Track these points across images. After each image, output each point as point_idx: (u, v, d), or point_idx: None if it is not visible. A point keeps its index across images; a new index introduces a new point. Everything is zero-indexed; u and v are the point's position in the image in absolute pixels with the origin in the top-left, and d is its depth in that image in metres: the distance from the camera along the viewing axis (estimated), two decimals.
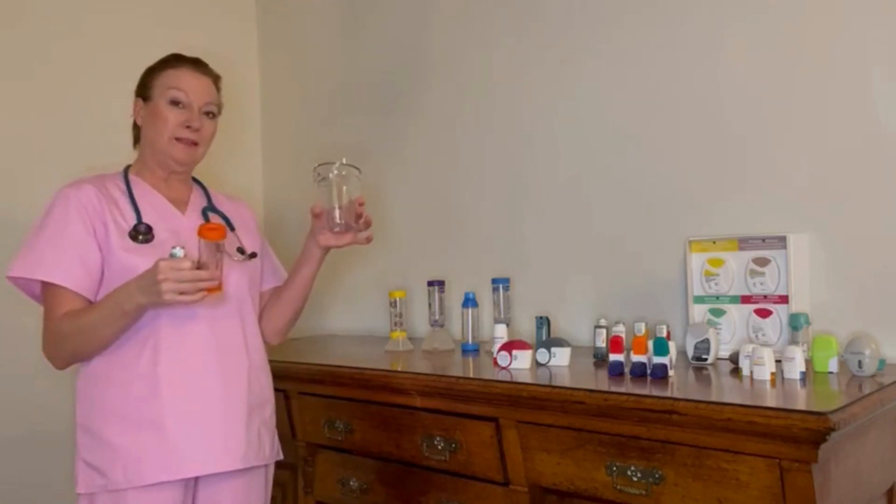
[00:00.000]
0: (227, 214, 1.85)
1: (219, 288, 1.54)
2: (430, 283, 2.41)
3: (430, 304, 2.40)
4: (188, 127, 1.71)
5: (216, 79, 1.81)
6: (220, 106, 1.81)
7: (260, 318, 1.87)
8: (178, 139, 1.72)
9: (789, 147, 1.97)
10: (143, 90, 1.77)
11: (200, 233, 1.52)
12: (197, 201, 1.82)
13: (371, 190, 2.88)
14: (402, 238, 2.79)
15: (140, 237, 1.65)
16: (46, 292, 1.63)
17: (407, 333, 2.44)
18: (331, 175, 1.79)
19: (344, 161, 1.79)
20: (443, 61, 2.66)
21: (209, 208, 1.83)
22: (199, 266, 1.51)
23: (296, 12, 3.15)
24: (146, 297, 1.51)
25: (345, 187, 1.79)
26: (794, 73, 1.96)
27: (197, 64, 1.78)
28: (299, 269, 1.87)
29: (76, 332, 1.58)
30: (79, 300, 1.62)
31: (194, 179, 1.88)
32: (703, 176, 2.11)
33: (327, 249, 1.85)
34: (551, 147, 2.40)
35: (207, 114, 1.75)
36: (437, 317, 2.39)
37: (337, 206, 1.79)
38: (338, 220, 1.79)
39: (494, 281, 2.30)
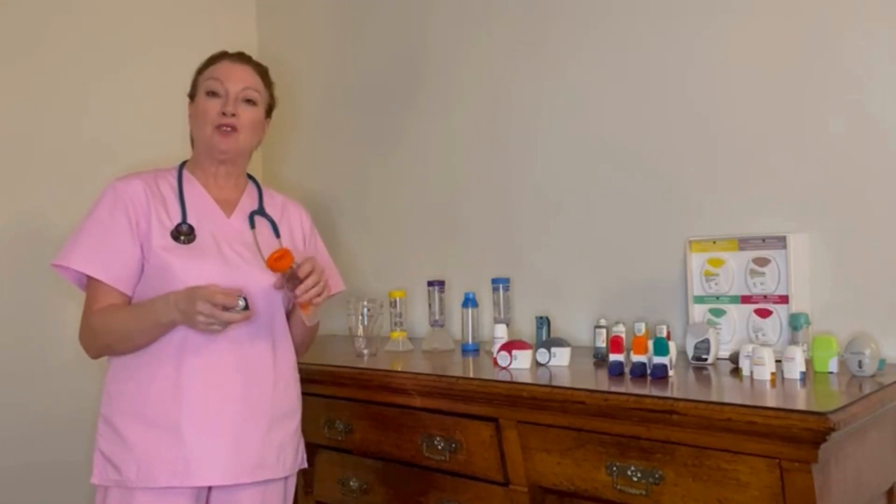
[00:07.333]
0: (276, 220, 1.81)
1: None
2: (430, 283, 2.41)
3: (430, 304, 2.40)
4: (223, 113, 1.70)
5: (260, 69, 1.79)
6: (265, 96, 1.78)
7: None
8: (217, 128, 1.70)
9: (789, 147, 1.97)
10: (191, 90, 1.78)
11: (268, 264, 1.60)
12: (246, 204, 1.79)
13: (371, 189, 2.90)
14: (402, 238, 2.79)
15: (182, 238, 1.65)
16: (88, 284, 1.66)
17: (407, 333, 2.44)
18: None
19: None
20: (443, 61, 2.66)
21: (257, 212, 1.79)
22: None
23: (295, 11, 3.15)
24: (183, 319, 1.55)
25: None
26: (793, 72, 1.96)
27: (237, 55, 1.78)
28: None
29: (111, 332, 1.61)
30: (115, 294, 1.63)
31: (251, 178, 1.85)
32: (703, 176, 2.10)
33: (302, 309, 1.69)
34: (552, 147, 2.40)
35: (247, 101, 1.73)
36: (437, 317, 2.39)
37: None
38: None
39: (494, 281, 2.30)
